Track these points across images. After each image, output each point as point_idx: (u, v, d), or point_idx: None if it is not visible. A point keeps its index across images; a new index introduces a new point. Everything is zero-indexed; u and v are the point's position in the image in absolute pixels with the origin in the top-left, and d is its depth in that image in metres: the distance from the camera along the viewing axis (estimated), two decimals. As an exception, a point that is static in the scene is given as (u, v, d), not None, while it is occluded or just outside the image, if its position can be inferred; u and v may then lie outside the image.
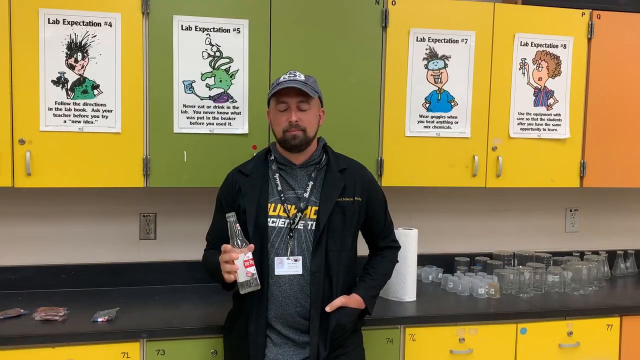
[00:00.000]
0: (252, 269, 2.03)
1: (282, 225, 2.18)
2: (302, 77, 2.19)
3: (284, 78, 2.18)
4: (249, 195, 2.20)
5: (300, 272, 2.15)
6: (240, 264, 2.02)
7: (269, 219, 2.18)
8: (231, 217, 2.05)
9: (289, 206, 2.19)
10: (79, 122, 2.55)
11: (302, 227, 2.18)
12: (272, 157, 2.26)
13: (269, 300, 2.17)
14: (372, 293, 2.31)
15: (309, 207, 2.19)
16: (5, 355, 2.28)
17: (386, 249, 2.41)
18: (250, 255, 2.04)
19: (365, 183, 2.29)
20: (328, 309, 2.15)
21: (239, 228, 2.05)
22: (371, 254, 2.42)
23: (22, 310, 2.52)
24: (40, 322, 2.42)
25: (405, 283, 2.83)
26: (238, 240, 2.04)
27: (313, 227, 2.17)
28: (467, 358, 2.69)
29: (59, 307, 2.53)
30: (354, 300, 2.22)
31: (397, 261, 2.47)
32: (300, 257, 2.16)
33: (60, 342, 2.32)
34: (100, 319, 2.43)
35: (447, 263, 3.31)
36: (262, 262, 2.14)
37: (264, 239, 2.16)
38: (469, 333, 2.69)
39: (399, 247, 2.46)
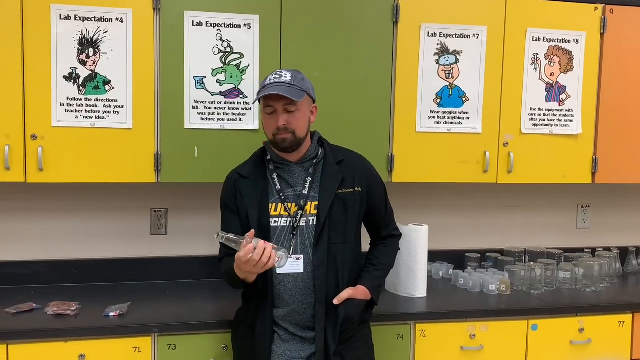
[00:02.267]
0: (270, 246, 1.99)
1: (285, 225, 2.18)
2: (288, 77, 2.13)
3: (269, 80, 2.14)
4: (250, 197, 2.20)
5: (301, 270, 2.15)
6: (262, 253, 1.97)
7: (271, 219, 2.18)
8: (222, 236, 2.03)
9: (289, 204, 2.18)
10: (91, 117, 2.56)
11: (304, 224, 2.17)
12: (269, 157, 2.25)
13: (275, 300, 2.18)
14: (377, 283, 2.31)
15: (309, 203, 2.18)
16: (18, 349, 2.29)
17: (388, 238, 2.40)
18: (257, 240, 1.99)
19: (364, 173, 2.27)
20: (336, 301, 2.15)
21: (235, 237, 2.01)
22: (373, 243, 2.42)
23: (34, 305, 2.54)
24: (53, 316, 2.43)
25: (415, 279, 2.83)
26: (239, 244, 1.99)
27: (314, 222, 2.17)
28: (477, 354, 2.69)
29: (71, 302, 2.55)
30: (360, 292, 2.22)
31: (399, 249, 2.47)
32: (302, 256, 2.16)
33: (72, 337, 2.34)
34: (111, 314, 2.45)
35: (458, 259, 3.31)
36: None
37: (267, 239, 2.15)
38: (480, 329, 2.68)
39: (400, 235, 2.46)
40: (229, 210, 2.26)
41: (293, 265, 2.15)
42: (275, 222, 2.18)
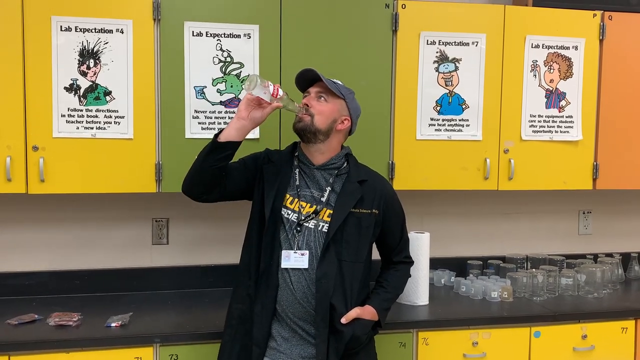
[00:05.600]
0: (273, 86, 2.11)
1: (295, 220, 2.19)
2: (337, 81, 2.27)
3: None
4: (270, 181, 2.22)
5: (306, 266, 2.15)
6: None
7: (283, 210, 2.19)
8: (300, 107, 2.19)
9: (302, 203, 2.19)
10: (92, 128, 2.57)
11: (312, 226, 2.18)
12: (296, 154, 2.28)
13: (279, 288, 2.16)
14: (385, 306, 2.31)
15: (324, 209, 2.19)
16: (20, 360, 2.30)
17: (400, 264, 2.40)
18: (282, 93, 2.12)
19: (384, 196, 2.28)
20: (344, 320, 2.14)
21: (296, 106, 2.17)
22: (384, 267, 2.41)
23: (36, 316, 2.54)
24: (55, 327, 2.43)
25: (417, 287, 2.82)
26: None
27: (324, 229, 2.17)
28: (480, 362, 2.68)
29: (73, 313, 2.55)
30: (367, 312, 2.22)
31: (410, 276, 2.46)
32: (307, 252, 2.16)
33: (74, 347, 2.34)
34: (113, 324, 2.45)
35: (460, 266, 3.30)
36: (273, 252, 2.16)
37: (277, 225, 2.17)
38: (482, 337, 2.68)
39: (412, 263, 2.45)
40: (246, 159, 2.31)
41: (298, 260, 2.15)
42: (287, 214, 2.19)
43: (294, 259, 2.15)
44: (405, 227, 2.39)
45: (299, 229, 2.18)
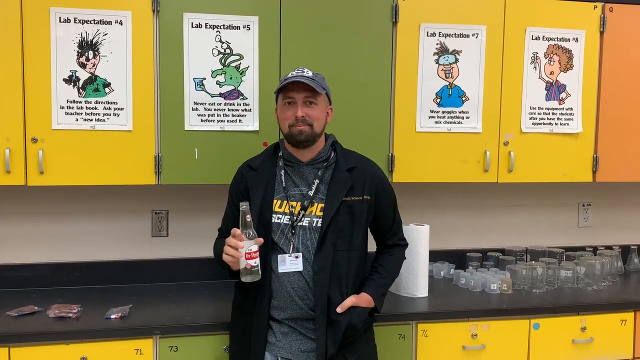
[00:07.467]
0: (254, 262, 2.02)
1: (287, 222, 2.18)
2: (310, 74, 2.19)
3: (291, 74, 2.19)
4: (255, 190, 2.21)
5: (301, 268, 2.15)
6: (242, 252, 2.01)
7: (273, 215, 2.18)
8: (244, 205, 2.04)
9: (292, 203, 2.19)
10: (91, 120, 2.56)
11: (307, 224, 2.18)
12: (280, 154, 2.27)
13: (273, 295, 2.17)
14: (381, 291, 2.31)
15: (315, 204, 2.18)
16: (20, 352, 2.29)
17: (395, 247, 2.40)
18: (255, 247, 2.02)
19: (374, 181, 2.27)
20: (339, 309, 2.15)
21: (250, 219, 2.04)
22: (379, 251, 2.41)
23: (36, 308, 2.54)
24: (54, 319, 2.44)
25: (417, 279, 2.83)
26: (247, 231, 2.03)
27: (319, 224, 2.17)
28: (479, 354, 2.68)
29: (73, 304, 2.55)
30: (363, 299, 2.22)
31: (405, 258, 2.46)
32: (301, 254, 2.16)
33: (73, 339, 2.34)
34: (113, 316, 2.45)
35: (459, 259, 3.31)
36: (266, 258, 2.15)
37: (268, 234, 2.16)
38: (482, 329, 2.68)
39: (406, 245, 2.45)
40: (231, 200, 2.30)
41: (292, 263, 2.15)
42: (278, 218, 2.18)
43: (290, 263, 2.16)
44: (397, 209, 2.39)
45: (293, 231, 2.17)
